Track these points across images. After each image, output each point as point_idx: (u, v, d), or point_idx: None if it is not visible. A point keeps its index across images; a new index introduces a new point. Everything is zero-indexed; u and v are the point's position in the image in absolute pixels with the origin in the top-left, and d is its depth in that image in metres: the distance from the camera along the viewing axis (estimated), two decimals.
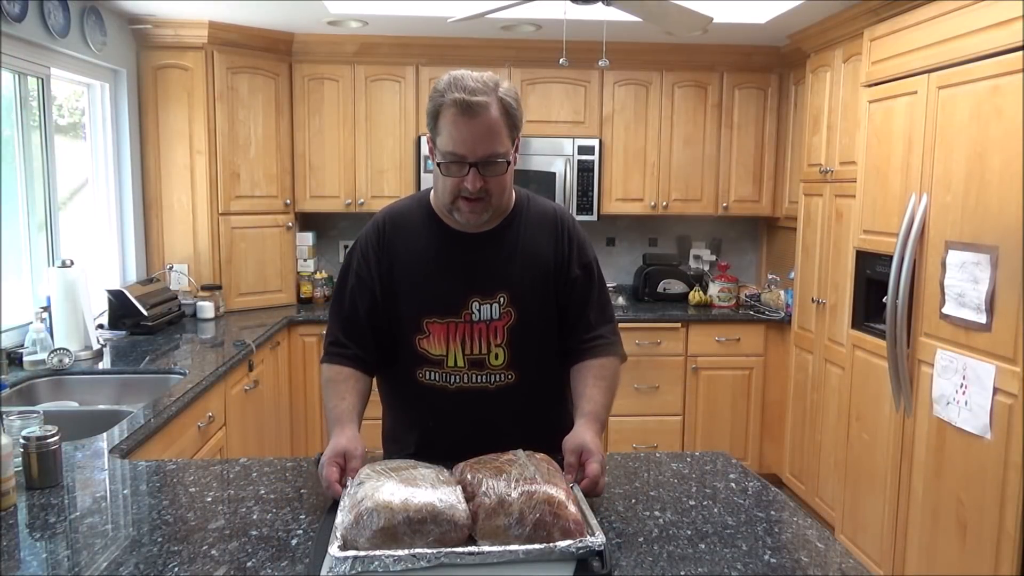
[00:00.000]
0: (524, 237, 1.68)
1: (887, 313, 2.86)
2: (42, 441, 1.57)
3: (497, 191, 1.58)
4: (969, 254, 2.48)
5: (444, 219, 1.67)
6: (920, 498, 2.75)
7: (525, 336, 1.65)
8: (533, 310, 1.66)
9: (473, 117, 1.49)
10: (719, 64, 4.34)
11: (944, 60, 2.64)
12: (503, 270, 1.65)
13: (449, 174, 1.55)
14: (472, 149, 1.51)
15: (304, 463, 1.71)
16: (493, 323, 1.63)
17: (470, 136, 1.50)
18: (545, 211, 1.73)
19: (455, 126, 1.50)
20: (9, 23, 2.74)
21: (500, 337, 1.64)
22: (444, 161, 1.54)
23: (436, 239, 1.67)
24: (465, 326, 1.63)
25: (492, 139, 1.52)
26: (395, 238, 1.68)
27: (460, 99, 1.49)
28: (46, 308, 2.88)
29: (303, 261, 4.38)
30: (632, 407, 4.20)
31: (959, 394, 2.52)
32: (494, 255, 1.65)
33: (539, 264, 1.67)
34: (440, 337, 1.64)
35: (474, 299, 1.63)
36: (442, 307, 1.63)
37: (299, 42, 4.11)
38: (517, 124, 1.58)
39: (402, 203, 1.76)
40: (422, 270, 1.65)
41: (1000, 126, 2.36)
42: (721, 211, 4.47)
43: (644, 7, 2.73)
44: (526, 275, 1.66)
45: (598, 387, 1.64)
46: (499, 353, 1.64)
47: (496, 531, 1.23)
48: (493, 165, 1.53)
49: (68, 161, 3.46)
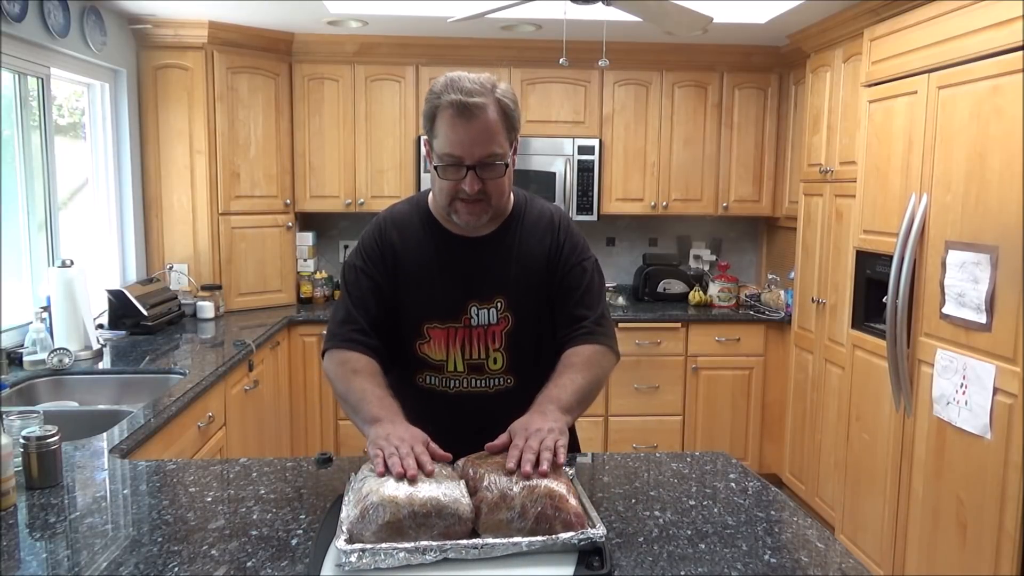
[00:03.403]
0: (522, 240, 1.67)
1: (887, 313, 2.86)
2: (42, 441, 1.57)
3: (496, 193, 1.56)
4: (969, 254, 2.48)
5: (443, 222, 1.66)
6: (920, 498, 2.75)
7: (523, 340, 1.65)
8: (529, 314, 1.65)
9: (470, 119, 1.48)
10: (719, 64, 4.34)
11: (944, 60, 2.64)
12: (500, 275, 1.64)
13: (447, 177, 1.53)
14: (469, 151, 1.49)
15: (304, 463, 1.71)
16: (491, 327, 1.64)
17: (467, 138, 1.48)
18: (543, 213, 1.72)
19: (452, 128, 1.49)
20: (9, 23, 2.74)
21: (498, 341, 1.64)
22: (441, 164, 1.53)
23: (435, 243, 1.66)
24: (464, 331, 1.63)
25: (490, 141, 1.50)
26: (396, 242, 1.67)
27: (457, 100, 1.47)
28: (46, 308, 2.88)
29: (303, 261, 4.38)
30: (632, 407, 4.20)
31: (959, 394, 2.52)
32: (492, 259, 1.65)
33: (535, 267, 1.66)
34: (440, 342, 1.64)
35: (472, 304, 1.63)
36: (442, 312, 1.63)
37: (299, 42, 4.11)
38: (515, 125, 1.56)
39: (400, 207, 1.75)
40: (422, 275, 1.65)
41: (1000, 126, 2.36)
42: (721, 211, 4.47)
43: (644, 7, 2.73)
44: (522, 279, 1.65)
45: (567, 372, 1.57)
46: (497, 357, 1.65)
47: (499, 524, 1.24)
48: (491, 167, 1.52)
49: (68, 161, 3.46)
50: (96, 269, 3.56)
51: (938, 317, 2.64)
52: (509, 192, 1.65)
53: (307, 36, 4.09)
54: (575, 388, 1.54)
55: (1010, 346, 2.31)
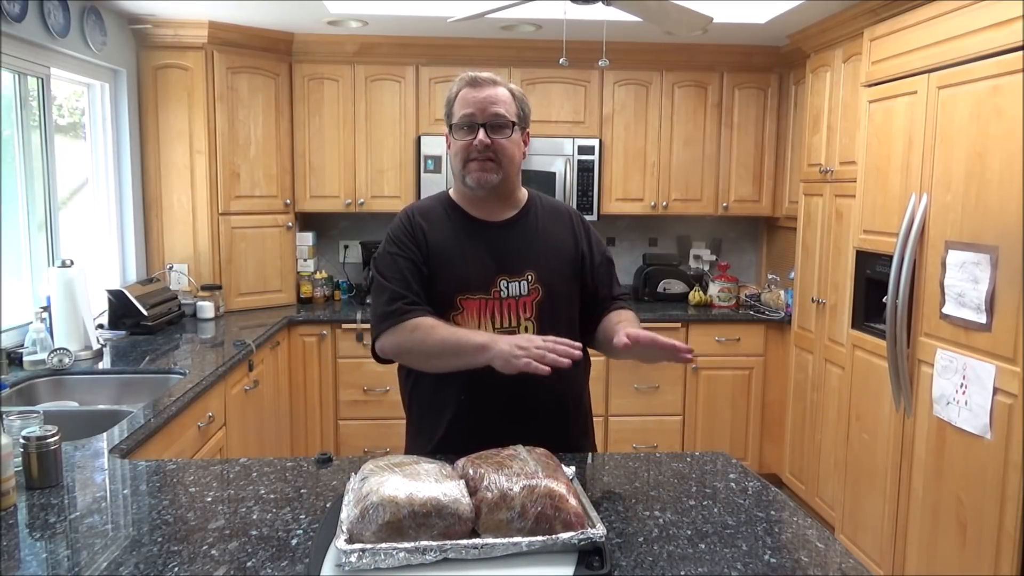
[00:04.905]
0: (542, 225, 1.84)
1: (887, 313, 2.86)
2: (42, 441, 1.57)
3: (505, 156, 1.73)
4: (969, 254, 2.48)
5: (467, 208, 1.82)
6: (920, 498, 2.75)
7: (552, 310, 1.78)
8: (559, 287, 1.80)
9: (482, 87, 1.73)
10: (719, 64, 4.34)
11: (944, 60, 2.64)
12: (528, 252, 1.79)
13: (461, 137, 1.73)
14: (481, 109, 1.71)
15: (304, 463, 1.71)
16: (522, 299, 1.77)
17: (479, 99, 1.72)
18: (557, 207, 1.93)
19: (466, 96, 1.73)
20: (9, 23, 2.74)
21: (529, 311, 1.77)
22: (457, 125, 1.73)
23: (461, 228, 1.81)
24: (495, 302, 1.76)
25: (499, 103, 1.72)
26: (424, 226, 1.80)
27: (471, 76, 1.75)
28: (46, 308, 2.88)
29: (303, 261, 4.38)
30: (632, 407, 4.20)
31: (959, 394, 2.52)
32: (518, 239, 1.80)
33: (561, 249, 1.84)
34: (473, 311, 1.75)
35: (502, 278, 1.76)
36: (473, 284, 1.75)
37: (299, 42, 4.11)
38: (524, 111, 1.78)
39: (423, 201, 1.93)
40: (452, 253, 1.78)
41: (1000, 126, 2.36)
42: (721, 211, 4.47)
43: (644, 7, 2.73)
44: (551, 256, 1.81)
45: (624, 317, 1.82)
46: (528, 326, 1.76)
47: (499, 525, 1.24)
48: (500, 128, 1.72)
49: (68, 161, 3.46)
50: (96, 269, 3.57)
51: (938, 317, 2.64)
52: (518, 166, 1.80)
53: (307, 36, 4.09)
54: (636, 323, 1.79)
55: (1010, 346, 2.31)
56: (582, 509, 1.29)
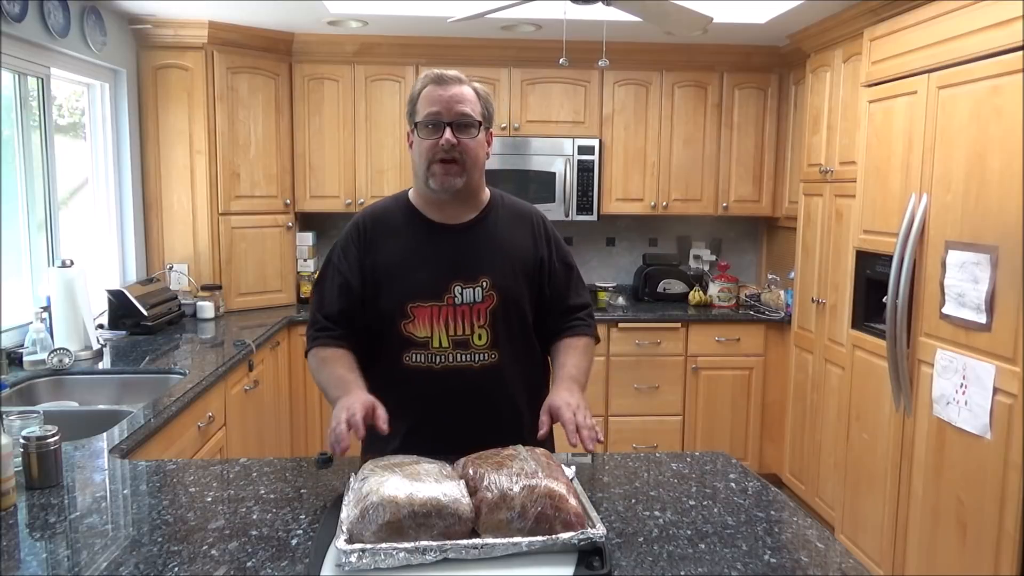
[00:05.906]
0: (501, 228, 1.79)
1: (887, 313, 2.86)
2: (42, 441, 1.57)
3: (470, 157, 1.69)
4: (969, 254, 2.48)
5: (424, 211, 1.78)
6: (920, 498, 2.75)
7: (507, 318, 1.74)
8: (514, 294, 1.76)
9: (447, 85, 1.68)
10: (719, 64, 4.34)
11: (944, 60, 2.64)
12: (484, 257, 1.75)
13: (426, 136, 1.68)
14: (447, 108, 1.67)
15: (304, 463, 1.71)
16: (476, 305, 1.72)
17: (445, 97, 1.67)
18: (520, 209, 1.87)
19: (430, 95, 1.68)
20: (9, 23, 2.74)
21: (483, 319, 1.72)
22: (422, 121, 1.68)
23: (417, 232, 1.77)
24: (448, 309, 1.71)
25: (465, 102, 1.68)
26: (376, 235, 1.78)
27: (436, 73, 1.70)
28: (46, 308, 2.88)
29: (303, 261, 4.38)
30: (632, 407, 4.20)
31: (959, 394, 2.52)
32: (474, 243, 1.76)
33: (518, 254, 1.79)
34: (424, 320, 1.71)
35: (456, 284, 1.72)
36: (425, 292, 1.72)
37: (299, 42, 4.11)
38: (489, 110, 1.75)
39: (382, 202, 1.88)
40: (404, 261, 1.75)
41: (1000, 126, 2.36)
42: (721, 211, 4.47)
43: (644, 7, 2.73)
44: (507, 262, 1.76)
45: (574, 355, 1.78)
46: (482, 334, 1.72)
47: (499, 525, 1.25)
48: (466, 128, 1.68)
49: (68, 161, 3.46)
50: (96, 269, 3.57)
51: (938, 317, 2.64)
52: (482, 166, 1.75)
53: (307, 36, 4.09)
54: (583, 370, 1.77)
55: (1010, 346, 2.31)
56: (582, 509, 1.29)
